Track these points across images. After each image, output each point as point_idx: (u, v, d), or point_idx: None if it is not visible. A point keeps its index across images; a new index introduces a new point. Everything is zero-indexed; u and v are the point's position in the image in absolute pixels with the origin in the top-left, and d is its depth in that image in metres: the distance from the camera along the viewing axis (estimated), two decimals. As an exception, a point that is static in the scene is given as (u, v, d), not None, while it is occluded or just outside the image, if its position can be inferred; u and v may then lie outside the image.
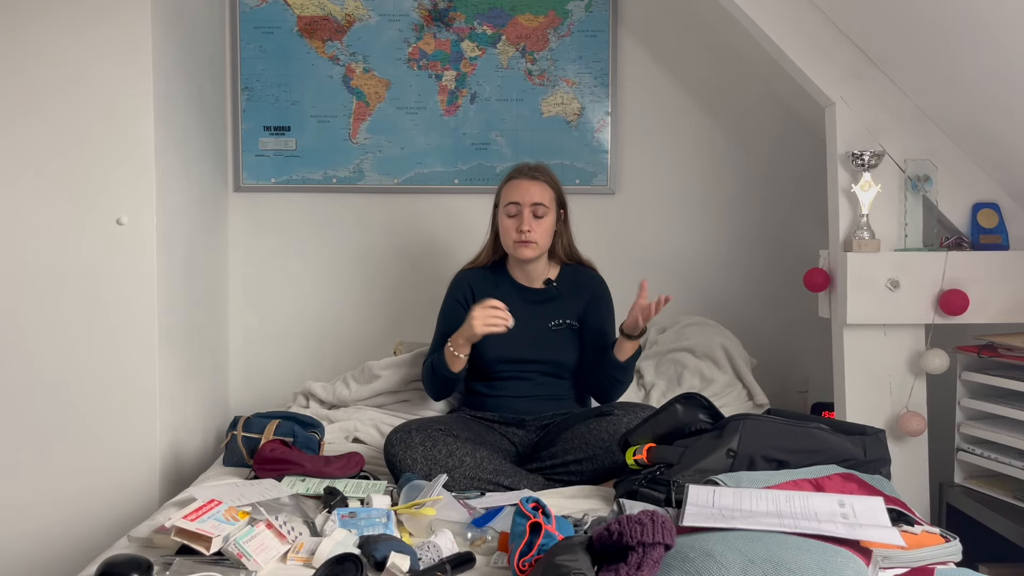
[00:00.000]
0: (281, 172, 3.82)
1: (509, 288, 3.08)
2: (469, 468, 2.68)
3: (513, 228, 2.99)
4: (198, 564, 2.01)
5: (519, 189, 2.99)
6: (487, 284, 3.09)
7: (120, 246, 3.03)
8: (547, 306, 3.06)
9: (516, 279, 3.10)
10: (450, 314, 3.08)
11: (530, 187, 2.99)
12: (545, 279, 3.09)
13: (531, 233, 2.96)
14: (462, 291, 3.11)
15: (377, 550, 2.03)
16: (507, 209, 3.00)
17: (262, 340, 3.90)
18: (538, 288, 3.09)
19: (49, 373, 3.03)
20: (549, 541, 1.95)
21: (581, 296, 3.08)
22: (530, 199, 2.97)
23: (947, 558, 2.04)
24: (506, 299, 2.96)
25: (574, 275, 3.12)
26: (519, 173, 3.04)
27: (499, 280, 3.11)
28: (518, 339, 2.95)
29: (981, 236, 3.03)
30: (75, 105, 2.99)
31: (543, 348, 3.02)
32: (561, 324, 3.04)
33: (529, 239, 2.97)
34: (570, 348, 3.04)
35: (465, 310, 2.96)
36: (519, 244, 2.99)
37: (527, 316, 3.00)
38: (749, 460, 2.36)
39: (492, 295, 2.97)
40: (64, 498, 3.05)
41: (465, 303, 3.05)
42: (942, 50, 2.78)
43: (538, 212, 2.98)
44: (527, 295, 3.08)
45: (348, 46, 3.78)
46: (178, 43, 3.25)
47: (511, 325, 2.84)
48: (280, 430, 2.85)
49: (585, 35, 3.77)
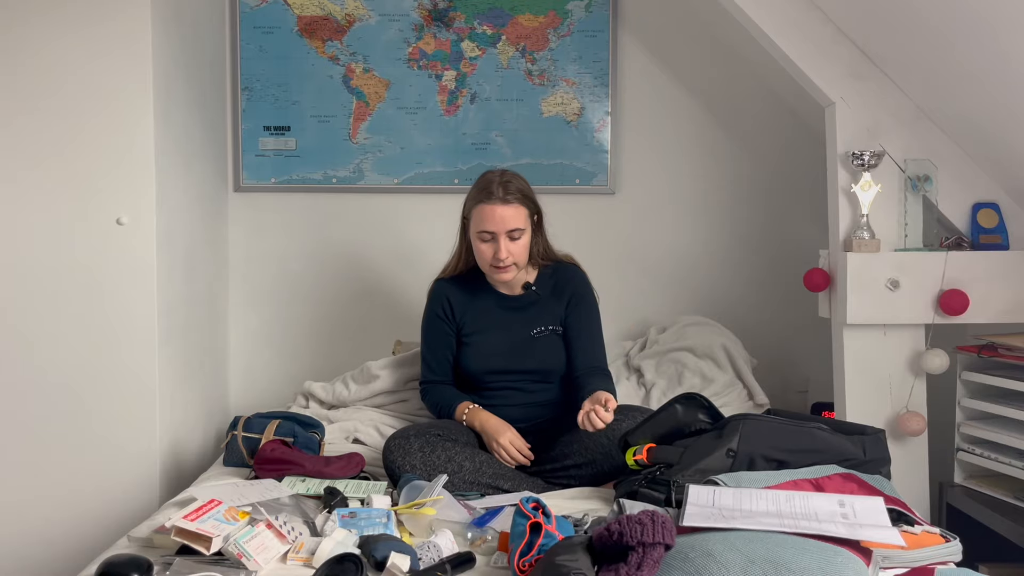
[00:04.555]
0: (281, 172, 3.82)
1: (487, 297, 3.02)
2: (469, 473, 2.67)
3: (489, 254, 2.87)
4: (198, 564, 2.00)
5: (492, 218, 2.83)
6: (465, 295, 3.02)
7: (120, 246, 3.02)
8: (528, 312, 3.00)
9: (495, 287, 3.03)
10: (432, 329, 3.05)
11: (504, 214, 2.83)
12: (524, 284, 3.01)
13: (509, 258, 2.85)
14: (440, 304, 3.03)
15: (377, 550, 2.02)
16: (481, 236, 2.87)
17: (262, 340, 3.90)
18: (518, 295, 3.02)
19: (49, 373, 3.03)
20: (549, 541, 1.95)
21: (561, 299, 3.01)
22: (505, 227, 2.83)
23: (947, 558, 2.03)
24: (485, 308, 2.96)
25: (553, 275, 3.03)
26: (488, 195, 2.85)
27: (477, 288, 3.03)
28: (502, 349, 2.95)
29: (981, 236, 3.03)
30: (75, 104, 2.98)
31: (528, 357, 2.97)
32: (544, 331, 2.98)
33: (507, 264, 2.87)
34: (555, 354, 2.99)
35: (446, 323, 2.98)
36: (497, 270, 2.89)
37: (509, 324, 2.98)
38: (749, 460, 2.36)
39: (471, 306, 2.98)
40: (64, 498, 3.05)
41: (445, 317, 3.01)
42: (942, 50, 2.78)
43: (514, 236, 2.85)
44: (507, 302, 3.02)
45: (348, 46, 3.77)
46: (178, 43, 3.25)
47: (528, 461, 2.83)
48: (280, 430, 2.84)
49: (585, 35, 3.76)
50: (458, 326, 3.01)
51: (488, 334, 2.97)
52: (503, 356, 2.96)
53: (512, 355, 2.96)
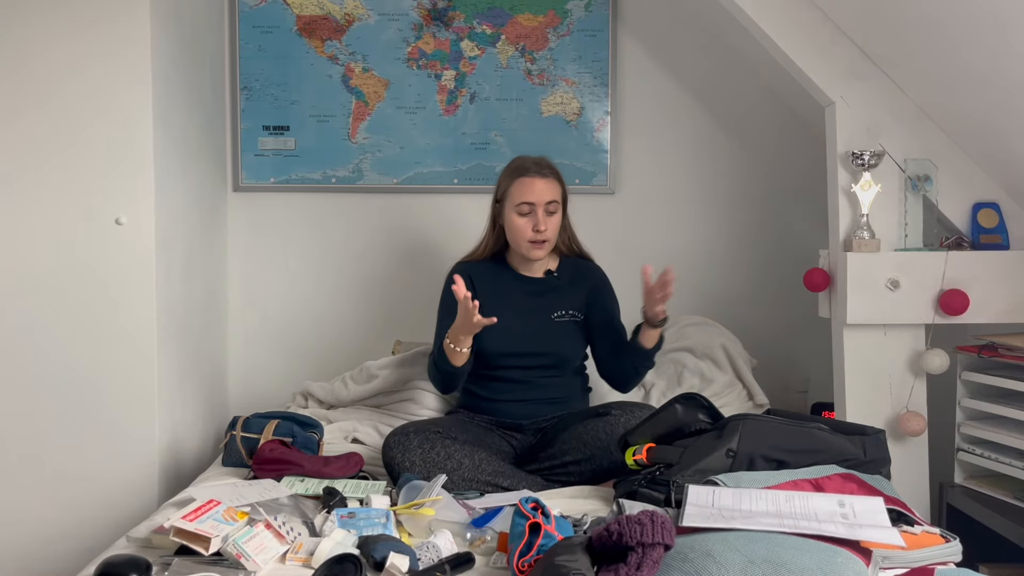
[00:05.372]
0: (280, 172, 3.81)
1: (510, 279, 3.07)
2: (468, 470, 2.67)
3: (528, 228, 2.95)
4: (197, 564, 2.00)
5: (533, 188, 2.95)
6: (488, 275, 3.07)
7: (119, 246, 3.02)
8: (549, 297, 3.04)
9: (517, 270, 3.08)
10: (451, 305, 3.00)
11: (543, 185, 2.96)
12: (545, 270, 3.07)
13: (546, 232, 2.95)
14: (462, 281, 3.06)
15: (376, 550, 2.02)
16: (519, 208, 2.95)
17: (261, 340, 3.89)
18: (539, 278, 3.07)
19: (47, 373, 3.02)
20: (548, 541, 1.95)
21: (582, 287, 3.07)
22: (544, 198, 2.95)
23: (947, 558, 2.03)
24: (507, 290, 2.98)
25: (574, 266, 3.11)
26: (527, 170, 2.98)
27: (500, 271, 3.09)
28: (521, 331, 2.95)
29: (981, 236, 3.03)
30: (73, 105, 2.98)
31: (546, 340, 2.99)
32: (564, 316, 3.02)
33: (544, 238, 2.96)
34: (573, 341, 3.03)
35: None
36: (534, 244, 2.97)
37: (529, 307, 3.00)
38: (749, 460, 2.35)
39: (493, 285, 2.99)
40: (63, 498, 3.05)
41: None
42: (943, 49, 2.78)
43: (551, 209, 2.96)
44: (529, 286, 3.06)
45: (347, 45, 3.77)
46: (177, 43, 3.24)
47: (492, 321, 2.79)
48: (279, 430, 2.84)
49: (585, 34, 3.76)
50: (480, 303, 2.99)
51: (508, 315, 2.95)
52: (521, 339, 2.96)
53: (531, 338, 2.97)
